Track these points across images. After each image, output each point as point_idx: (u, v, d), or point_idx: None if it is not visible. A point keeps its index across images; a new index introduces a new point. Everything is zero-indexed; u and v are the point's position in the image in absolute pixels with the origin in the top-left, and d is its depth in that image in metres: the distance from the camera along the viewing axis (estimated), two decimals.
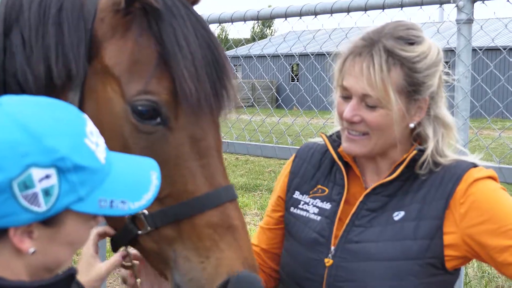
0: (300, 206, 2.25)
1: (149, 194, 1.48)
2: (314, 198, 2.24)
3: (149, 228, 1.83)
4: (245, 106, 4.86)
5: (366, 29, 2.08)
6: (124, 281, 2.08)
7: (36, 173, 1.30)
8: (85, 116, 1.47)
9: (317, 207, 2.20)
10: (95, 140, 1.42)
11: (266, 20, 4.74)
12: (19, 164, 1.29)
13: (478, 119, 18.65)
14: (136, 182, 1.48)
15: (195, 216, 1.81)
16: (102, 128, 1.77)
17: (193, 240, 1.81)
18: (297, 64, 37.25)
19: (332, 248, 2.10)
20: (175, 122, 1.81)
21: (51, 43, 1.78)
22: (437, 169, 2.06)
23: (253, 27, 70.76)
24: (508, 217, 1.95)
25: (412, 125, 2.07)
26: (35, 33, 1.78)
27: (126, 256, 1.98)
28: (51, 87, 1.79)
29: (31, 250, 1.37)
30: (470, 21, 3.65)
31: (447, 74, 2.16)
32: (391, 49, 1.97)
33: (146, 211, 1.81)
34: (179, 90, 1.78)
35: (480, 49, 3.85)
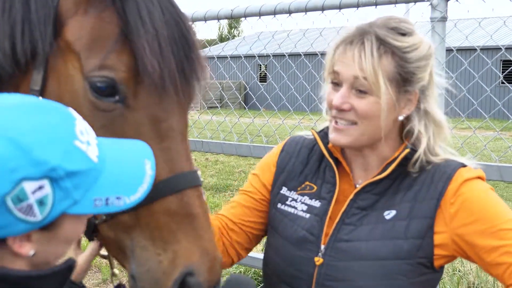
0: (288, 202, 2.22)
1: (144, 186, 1.45)
2: (302, 195, 2.21)
3: (104, 217, 1.78)
4: (211, 106, 4.84)
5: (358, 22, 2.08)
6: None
7: (29, 186, 1.28)
8: (74, 114, 1.42)
9: (306, 204, 2.17)
10: (85, 139, 1.38)
11: (239, 18, 4.70)
12: (10, 179, 1.26)
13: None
14: (130, 174, 1.45)
15: (153, 203, 1.73)
16: None
17: (151, 228, 1.74)
18: (265, 65, 37.28)
19: (322, 246, 2.07)
20: (134, 100, 1.73)
21: (17, 20, 1.72)
22: (428, 167, 2.05)
23: (219, 28, 70.75)
24: (498, 217, 1.95)
25: (401, 118, 2.05)
26: (1, 9, 1.73)
27: (101, 245, 1.96)
28: (19, 66, 1.74)
29: (31, 252, 1.37)
30: (444, 19, 3.68)
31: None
32: (382, 37, 1.97)
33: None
34: (140, 66, 1.70)
35: (454, 47, 3.88)
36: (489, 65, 4.14)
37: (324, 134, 2.22)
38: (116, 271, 2.05)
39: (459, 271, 6.48)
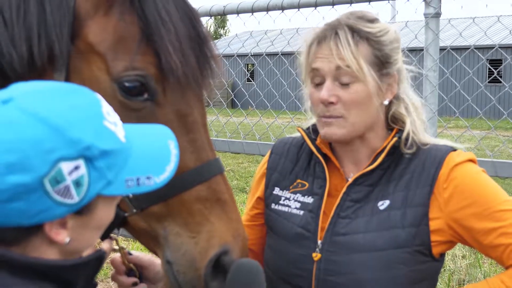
0: (281, 202, 2.21)
1: (171, 165, 1.48)
2: (295, 193, 2.20)
3: (134, 211, 1.82)
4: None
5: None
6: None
7: (65, 167, 1.29)
8: (99, 97, 1.44)
9: (299, 201, 2.17)
10: (113, 120, 1.40)
11: (232, 14, 4.69)
12: (47, 161, 1.27)
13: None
14: (157, 154, 1.48)
15: (184, 192, 1.82)
16: None
17: (183, 216, 1.82)
18: (252, 64, 37.32)
19: (319, 242, 2.06)
20: (163, 96, 1.80)
21: (33, 23, 1.73)
22: (419, 152, 2.06)
23: (208, 27, 70.55)
24: (492, 199, 1.96)
25: (386, 102, 2.08)
26: (16, 12, 1.73)
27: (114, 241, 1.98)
28: (34, 68, 1.74)
29: (67, 240, 1.37)
30: (438, 15, 3.68)
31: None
32: (354, 26, 2.01)
33: (130, 194, 1.79)
34: (164, 64, 1.77)
35: (448, 45, 3.89)
36: (484, 61, 4.15)
37: (311, 131, 2.23)
38: (132, 265, 2.07)
39: (449, 268, 6.52)
